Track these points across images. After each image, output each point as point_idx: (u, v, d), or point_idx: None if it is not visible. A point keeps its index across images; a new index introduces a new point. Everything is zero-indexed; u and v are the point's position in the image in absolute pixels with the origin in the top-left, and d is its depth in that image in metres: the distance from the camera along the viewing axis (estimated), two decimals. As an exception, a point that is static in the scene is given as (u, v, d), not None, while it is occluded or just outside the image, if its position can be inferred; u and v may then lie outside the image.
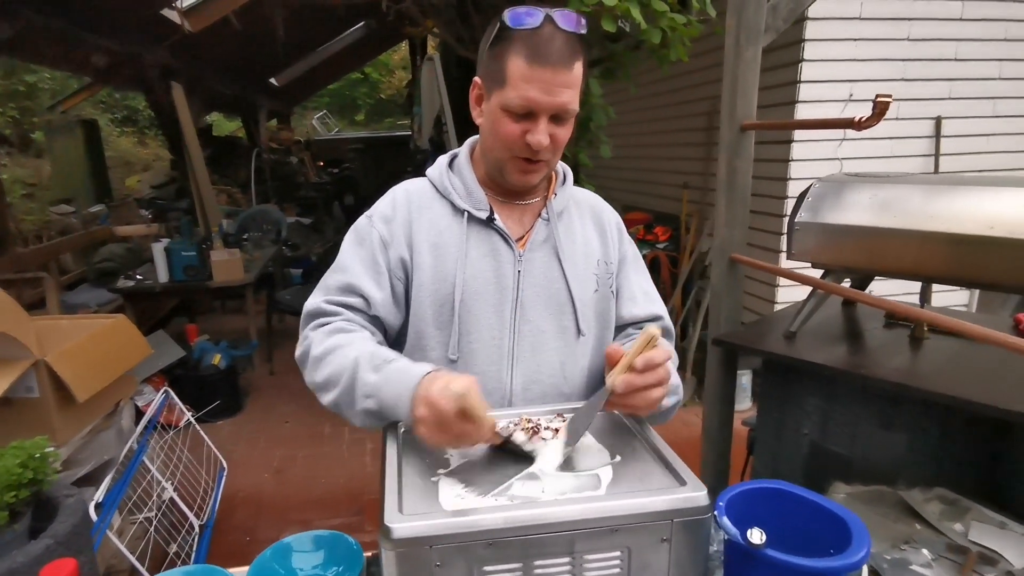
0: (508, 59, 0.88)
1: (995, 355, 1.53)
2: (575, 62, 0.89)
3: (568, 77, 0.88)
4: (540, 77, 0.87)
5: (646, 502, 0.69)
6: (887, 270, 1.49)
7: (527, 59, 0.86)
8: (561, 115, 0.91)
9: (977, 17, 3.51)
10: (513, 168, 0.96)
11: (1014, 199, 1.35)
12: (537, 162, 0.95)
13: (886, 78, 3.46)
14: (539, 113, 0.89)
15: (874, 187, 1.54)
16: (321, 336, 0.97)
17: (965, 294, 3.78)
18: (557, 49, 0.86)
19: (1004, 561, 1.11)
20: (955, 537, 1.20)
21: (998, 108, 3.70)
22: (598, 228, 1.11)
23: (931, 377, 1.39)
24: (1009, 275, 1.29)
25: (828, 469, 1.45)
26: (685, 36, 2.86)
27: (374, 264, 1.01)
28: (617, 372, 0.82)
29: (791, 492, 0.91)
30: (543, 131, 0.90)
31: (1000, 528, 1.22)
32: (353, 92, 21.11)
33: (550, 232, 1.04)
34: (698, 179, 4.48)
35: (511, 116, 0.91)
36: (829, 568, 0.75)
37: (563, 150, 0.98)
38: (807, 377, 1.49)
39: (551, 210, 1.05)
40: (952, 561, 1.12)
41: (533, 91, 0.87)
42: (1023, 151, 3.77)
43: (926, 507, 1.30)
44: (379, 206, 1.06)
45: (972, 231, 1.33)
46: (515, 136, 0.91)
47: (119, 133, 13.54)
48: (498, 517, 0.65)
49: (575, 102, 0.91)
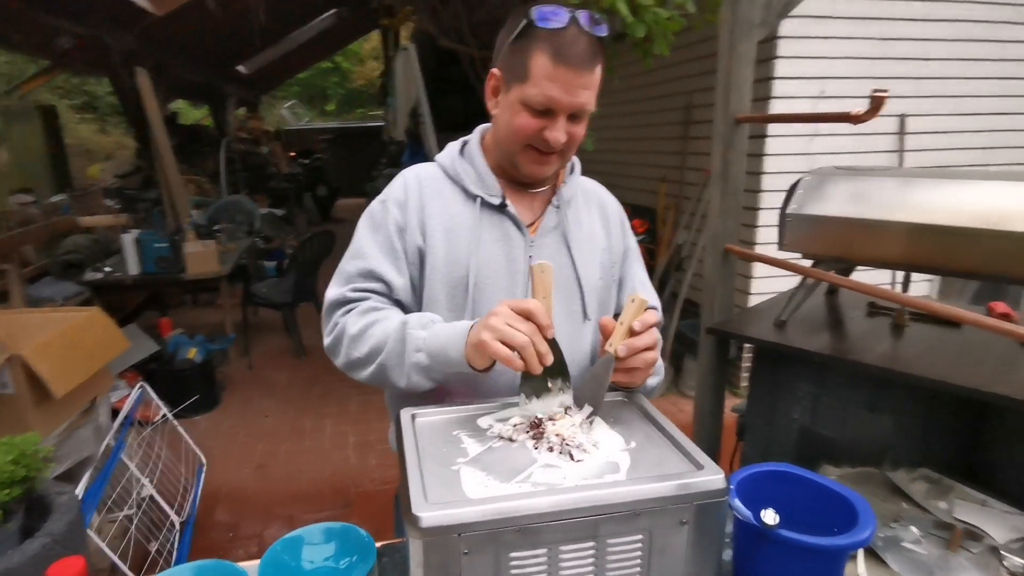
0: (532, 56, 0.90)
1: (973, 340, 1.59)
2: (596, 64, 0.92)
3: (589, 78, 0.91)
4: (563, 77, 0.89)
5: (666, 486, 0.70)
6: (874, 260, 1.54)
7: (552, 58, 0.89)
8: (578, 114, 0.94)
9: (942, 18, 3.63)
10: (527, 159, 0.98)
11: (998, 191, 1.41)
12: (551, 155, 0.97)
13: (855, 75, 3.56)
14: (558, 111, 0.92)
15: (860, 180, 1.57)
16: (355, 317, 0.98)
17: (926, 284, 3.92)
18: (581, 51, 0.89)
19: (988, 537, 1.15)
20: (940, 515, 1.25)
21: (960, 106, 3.83)
22: (603, 218, 1.14)
23: (914, 362, 1.44)
24: (995, 265, 1.34)
25: (818, 452, 1.49)
26: (668, 30, 2.89)
27: (392, 250, 1.02)
28: (617, 339, 0.86)
29: (796, 474, 0.93)
30: (561, 128, 0.93)
31: (982, 506, 1.27)
32: (324, 81, 20.73)
33: (560, 219, 1.06)
34: (675, 172, 4.53)
35: (530, 111, 0.93)
36: (838, 545, 0.78)
37: (576, 147, 1.00)
38: (797, 364, 1.53)
39: (561, 198, 1.06)
40: (939, 537, 1.16)
41: (556, 90, 0.90)
42: (983, 148, 3.92)
43: (912, 487, 1.35)
44: (392, 191, 1.06)
45: (956, 223, 1.38)
46: (533, 130, 0.94)
47: (78, 120, 13.05)
48: (526, 503, 0.65)
49: (592, 103, 0.94)
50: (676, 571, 0.72)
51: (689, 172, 4.40)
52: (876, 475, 1.42)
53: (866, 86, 3.67)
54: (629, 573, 0.70)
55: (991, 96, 3.86)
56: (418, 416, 0.86)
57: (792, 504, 0.89)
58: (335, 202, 12.01)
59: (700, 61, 4.09)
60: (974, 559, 1.10)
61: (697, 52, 4.07)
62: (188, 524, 2.53)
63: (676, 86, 4.44)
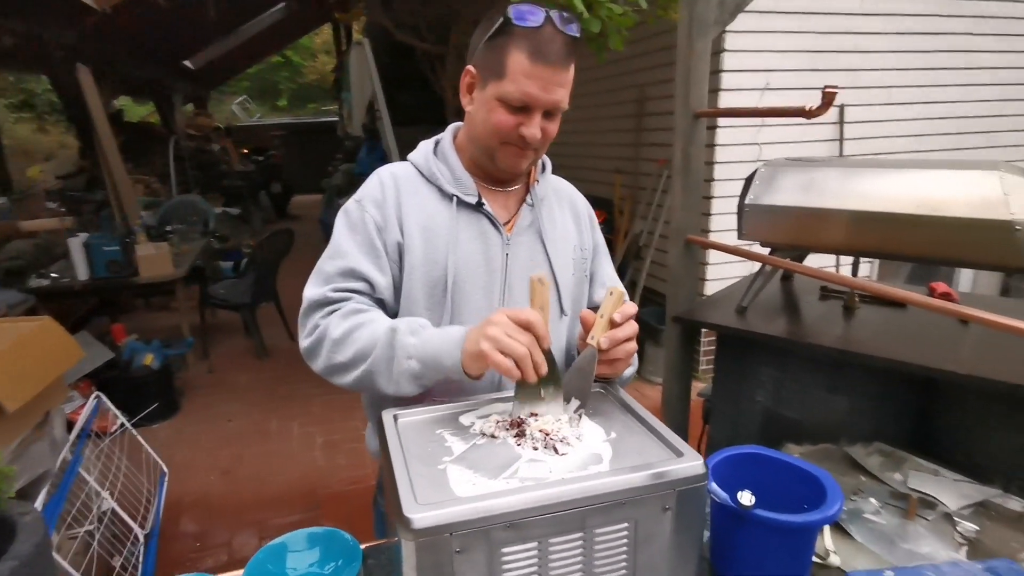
0: (509, 53, 0.92)
1: (918, 320, 1.68)
2: (571, 63, 0.95)
3: (564, 76, 0.94)
4: (540, 75, 0.91)
5: (649, 475, 0.72)
6: (827, 246, 1.61)
7: (530, 56, 0.91)
8: (553, 111, 0.96)
9: (875, 12, 3.81)
10: (505, 154, 0.99)
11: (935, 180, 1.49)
12: (527, 149, 0.99)
13: (797, 68, 3.72)
14: (535, 108, 0.94)
15: (810, 171, 1.64)
16: (337, 320, 0.97)
17: (867, 266, 4.12)
18: (557, 49, 0.91)
19: (941, 504, 1.23)
20: (896, 486, 1.32)
21: (892, 96, 4.04)
22: (574, 216, 1.16)
23: (868, 343, 1.52)
24: (935, 249, 1.42)
25: (781, 433, 1.55)
26: (621, 26, 2.93)
27: (372, 248, 1.01)
28: (598, 331, 0.88)
29: (766, 455, 0.98)
30: (536, 125, 0.95)
31: (934, 475, 1.35)
32: (274, 76, 20.17)
33: (535, 217, 1.07)
34: (629, 164, 4.62)
35: (507, 108, 0.95)
36: (811, 522, 0.82)
37: (548, 144, 1.02)
38: (760, 349, 1.59)
39: (535, 196, 1.07)
40: (896, 507, 1.23)
41: (533, 87, 0.92)
42: (914, 136, 4.14)
43: (868, 460, 1.42)
44: (367, 190, 1.06)
45: (902, 210, 1.45)
46: (509, 127, 0.95)
47: (15, 120, 12.36)
48: (516, 499, 0.66)
49: (566, 100, 0.97)
50: (661, 556, 0.74)
51: (643, 163, 4.49)
52: (835, 451, 1.49)
53: (808, 78, 3.87)
54: (616, 560, 0.72)
55: (921, 86, 4.08)
56: (400, 417, 0.87)
57: (762, 484, 0.92)
58: (290, 199, 11.75)
59: (651, 55, 4.18)
60: (930, 526, 1.17)
61: (648, 47, 4.14)
62: (153, 536, 2.45)
63: (628, 79, 4.51)
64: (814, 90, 3.84)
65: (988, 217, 1.39)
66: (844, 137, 3.96)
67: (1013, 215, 1.36)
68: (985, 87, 4.22)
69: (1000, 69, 4.22)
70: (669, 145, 4.18)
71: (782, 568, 0.85)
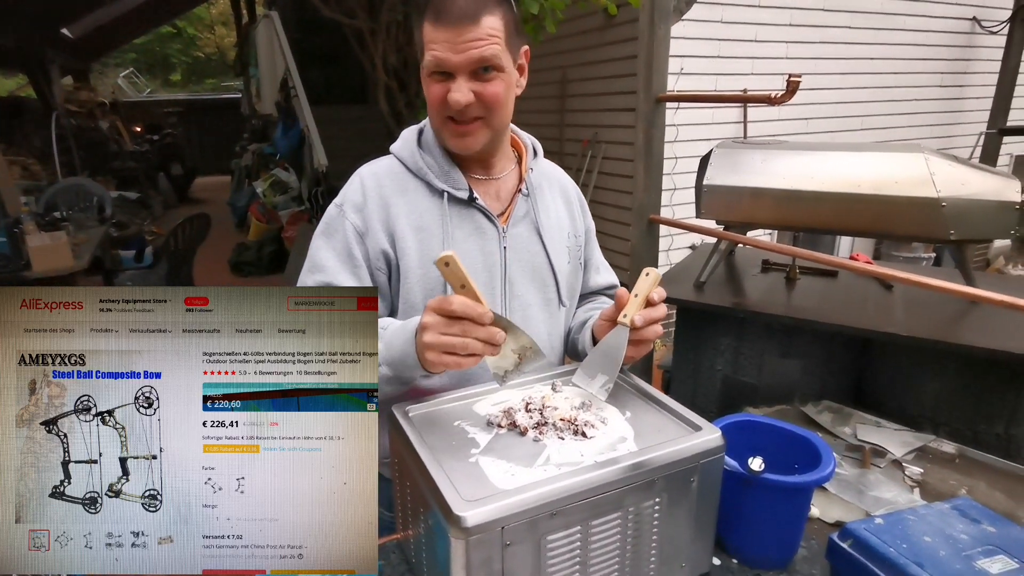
0: (422, 27, 0.89)
1: (849, 286, 1.82)
2: (482, 14, 0.86)
3: (476, 30, 0.86)
4: (444, 37, 0.86)
5: (678, 450, 0.74)
6: (781, 223, 1.70)
7: (431, 21, 0.87)
8: (481, 71, 0.89)
9: (770, 5, 4.08)
10: (447, 133, 0.94)
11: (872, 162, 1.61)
12: (469, 123, 0.92)
13: (706, 55, 3.93)
14: (455, 71, 0.88)
15: (764, 152, 1.73)
16: None
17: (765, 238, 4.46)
18: (461, 5, 0.86)
19: (889, 453, 1.35)
20: (848, 439, 1.43)
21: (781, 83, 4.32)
22: (566, 201, 1.12)
23: (816, 310, 1.63)
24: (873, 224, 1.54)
25: (739, 398, 1.64)
26: (556, 8, 2.94)
27: (350, 258, 0.94)
28: (632, 309, 0.87)
29: (757, 421, 1.02)
30: (460, 89, 0.88)
31: (878, 427, 1.48)
32: (165, 48, 18.51)
33: (529, 207, 1.04)
34: (554, 144, 4.71)
35: (434, 79, 0.90)
36: (812, 481, 0.87)
37: (502, 106, 0.94)
38: (719, 320, 1.67)
39: (530, 185, 1.04)
40: (853, 459, 1.34)
41: (439, 50, 0.87)
42: (802, 119, 4.50)
43: (821, 417, 1.54)
44: (348, 193, 0.98)
45: (847, 190, 1.56)
46: (440, 98, 0.90)
47: None
48: (561, 486, 0.65)
49: (495, 53, 0.88)
50: (684, 524, 0.77)
51: (568, 143, 4.57)
52: (790, 411, 1.60)
53: (717, 65, 4.08)
54: (648, 533, 0.73)
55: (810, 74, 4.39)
56: (411, 411, 0.83)
57: (757, 449, 0.97)
58: (192, 181, 10.93)
59: (572, 38, 4.26)
60: (884, 473, 1.28)
61: (568, 30, 4.22)
62: None
63: (550, 61, 4.60)
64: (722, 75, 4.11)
65: (918, 195, 1.52)
66: (748, 120, 4.22)
67: (939, 192, 1.50)
68: (862, 75, 4.65)
69: (875, 60, 4.67)
70: (591, 126, 4.32)
71: (784, 526, 0.90)
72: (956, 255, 1.64)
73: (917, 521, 0.87)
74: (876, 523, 0.87)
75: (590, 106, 4.31)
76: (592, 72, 4.21)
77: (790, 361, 1.63)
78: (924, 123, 5.13)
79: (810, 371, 1.64)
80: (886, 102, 4.84)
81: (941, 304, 1.68)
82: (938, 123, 5.23)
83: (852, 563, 0.83)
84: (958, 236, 1.47)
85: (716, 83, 3.99)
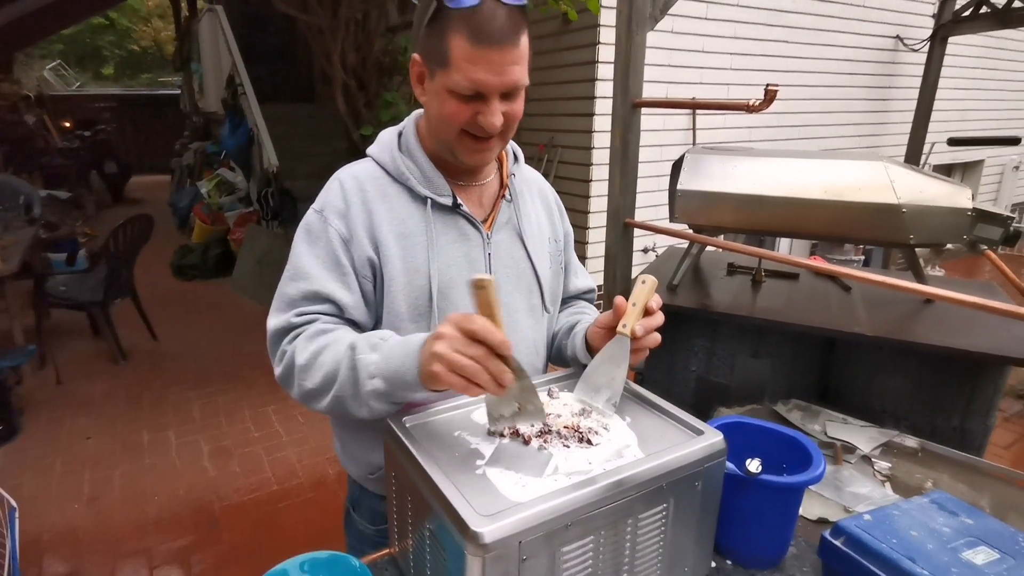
0: (450, 39, 0.80)
1: (810, 288, 1.88)
2: (520, 36, 0.82)
3: (515, 53, 0.82)
4: (487, 58, 0.80)
5: (684, 455, 0.73)
6: (751, 227, 1.74)
7: (471, 40, 0.79)
8: (511, 92, 0.86)
9: (716, 18, 4.28)
10: (464, 148, 0.89)
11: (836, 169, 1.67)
12: (489, 139, 0.89)
13: (659, 63, 4.06)
14: (489, 94, 0.83)
15: (734, 158, 1.77)
16: (303, 343, 0.85)
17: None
18: (501, 26, 0.79)
19: (858, 448, 1.39)
20: (817, 436, 1.47)
21: (731, 93, 4.53)
22: (545, 206, 1.11)
23: (783, 312, 1.67)
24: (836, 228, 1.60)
25: (712, 398, 1.67)
26: None
27: (337, 265, 0.89)
28: (631, 319, 0.85)
29: (746, 423, 1.03)
30: (495, 111, 0.84)
31: (844, 424, 1.53)
32: (96, 40, 17.51)
33: (512, 213, 1.01)
34: (511, 149, 4.73)
35: (459, 98, 0.83)
36: (805, 481, 0.88)
37: (516, 125, 0.92)
38: (694, 322, 1.69)
39: (513, 191, 1.01)
40: (825, 455, 1.37)
41: (481, 73, 0.81)
42: (745, 127, 4.73)
43: (791, 415, 1.58)
44: (328, 199, 0.92)
45: (813, 195, 1.61)
46: (465, 118, 0.85)
47: None
48: (577, 496, 0.63)
49: (525, 76, 0.86)
50: (688, 527, 0.76)
51: (526, 147, 4.59)
52: (761, 410, 1.63)
53: (665, 73, 4.22)
54: (655, 538, 0.73)
55: (751, 85, 4.67)
56: (408, 423, 0.79)
57: (747, 450, 0.98)
58: (128, 180, 10.38)
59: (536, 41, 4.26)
60: (856, 468, 1.32)
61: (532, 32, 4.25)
62: (12, 583, 2.07)
63: None
64: (672, 84, 4.26)
65: (880, 201, 1.58)
66: (696, 128, 4.37)
67: (899, 199, 1.57)
68: (799, 88, 4.92)
69: (810, 73, 4.94)
70: (547, 130, 4.35)
71: (778, 526, 0.91)
72: (908, 258, 1.72)
73: (902, 516, 0.90)
74: (865, 519, 0.88)
75: (546, 111, 4.35)
76: (548, 77, 4.24)
77: (760, 361, 1.67)
78: (854, 133, 5.46)
79: (778, 370, 1.68)
80: (820, 113, 5.15)
81: (896, 304, 1.75)
82: (866, 134, 5.56)
83: (846, 560, 0.85)
84: (917, 240, 1.54)
85: (667, 91, 4.13)
